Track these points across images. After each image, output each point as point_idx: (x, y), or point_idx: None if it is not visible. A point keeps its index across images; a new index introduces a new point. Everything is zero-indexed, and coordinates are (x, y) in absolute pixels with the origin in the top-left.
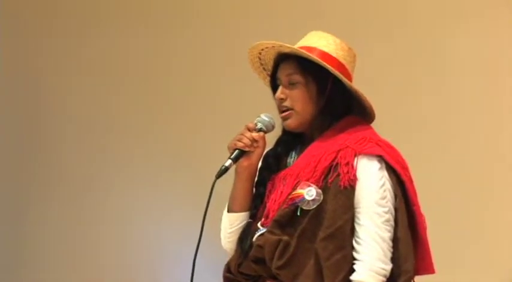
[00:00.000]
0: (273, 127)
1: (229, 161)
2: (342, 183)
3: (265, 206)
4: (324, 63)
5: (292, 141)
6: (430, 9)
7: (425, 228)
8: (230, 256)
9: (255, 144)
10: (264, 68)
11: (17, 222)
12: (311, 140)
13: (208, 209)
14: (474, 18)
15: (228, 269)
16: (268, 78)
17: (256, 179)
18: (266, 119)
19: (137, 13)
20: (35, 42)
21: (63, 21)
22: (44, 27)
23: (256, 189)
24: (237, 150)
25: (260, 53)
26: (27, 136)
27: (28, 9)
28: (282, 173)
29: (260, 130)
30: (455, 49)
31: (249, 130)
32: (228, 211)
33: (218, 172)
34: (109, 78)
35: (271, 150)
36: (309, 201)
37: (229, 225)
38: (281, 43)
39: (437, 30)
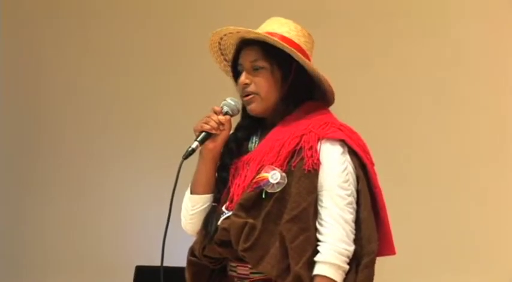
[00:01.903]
0: (239, 111)
1: (196, 143)
2: (306, 167)
3: (229, 190)
4: (291, 48)
5: (252, 125)
6: (433, 7)
7: (386, 210)
8: (191, 237)
9: (221, 127)
10: (222, 53)
11: (14, 214)
12: (272, 124)
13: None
14: (477, 16)
15: (192, 252)
16: (225, 63)
17: (218, 163)
18: (232, 102)
19: (137, 13)
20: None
21: (61, 12)
22: (42, 19)
23: (218, 174)
24: (203, 133)
25: (221, 39)
26: (26, 128)
27: None
28: (245, 158)
29: (226, 113)
30: (457, 47)
31: (216, 113)
32: (191, 193)
33: (185, 154)
34: (108, 69)
35: (231, 134)
36: (273, 184)
37: (192, 207)
38: (247, 29)
39: (440, 29)
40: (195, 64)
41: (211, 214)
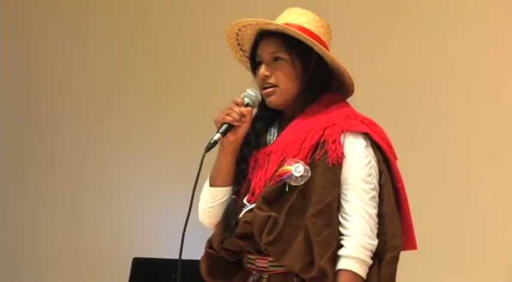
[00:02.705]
0: (259, 102)
1: (218, 135)
2: (330, 160)
3: (249, 183)
4: (312, 40)
5: (270, 117)
6: (434, 8)
7: (408, 205)
8: (209, 229)
9: (242, 119)
10: (238, 43)
11: (10, 207)
12: (292, 116)
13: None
14: (477, 17)
15: (210, 244)
16: (240, 53)
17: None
18: (253, 93)
19: (136, 12)
20: (31, 23)
21: (60, 9)
22: (41, 17)
23: (238, 166)
24: (225, 125)
25: (240, 30)
26: (24, 115)
27: None
28: (265, 150)
29: (247, 105)
30: (458, 48)
31: (237, 105)
32: (210, 185)
33: (207, 146)
34: (107, 59)
35: (250, 126)
36: (297, 177)
37: (211, 199)
38: (266, 20)
39: (440, 29)
40: (194, 62)
41: (232, 207)
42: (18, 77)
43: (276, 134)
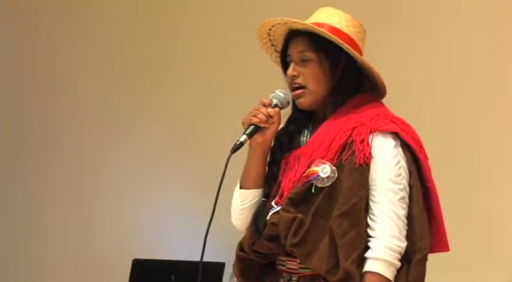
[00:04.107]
0: (288, 103)
1: (245, 137)
2: (357, 161)
3: (279, 185)
4: (338, 39)
5: (304, 119)
6: (432, 6)
7: (439, 205)
8: (240, 232)
9: (270, 121)
10: (272, 44)
11: (10, 207)
12: (323, 117)
13: (222, 185)
14: (477, 17)
15: (241, 247)
16: (276, 54)
17: (268, 158)
18: (281, 94)
19: (135, 11)
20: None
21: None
22: (40, 10)
23: (269, 169)
24: (252, 126)
25: (270, 29)
26: (23, 115)
27: None
28: (296, 152)
29: (275, 106)
30: (459, 48)
31: (265, 106)
32: (241, 187)
33: (233, 147)
34: (105, 59)
35: (282, 128)
36: (323, 178)
37: (241, 201)
38: (294, 19)
39: (440, 28)
40: (192, 62)
41: (261, 209)
42: (18, 77)
43: (309, 136)
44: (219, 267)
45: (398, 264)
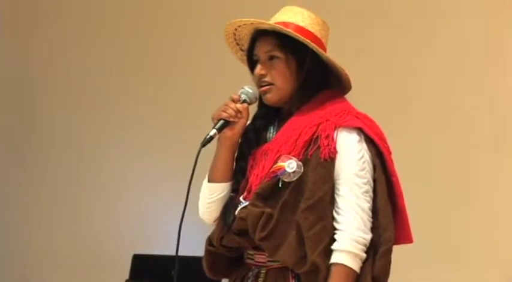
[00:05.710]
0: (256, 99)
1: (214, 131)
2: (322, 156)
3: (247, 181)
4: (306, 39)
5: (270, 115)
6: (431, 5)
7: (403, 198)
8: (208, 226)
9: (239, 115)
10: (237, 43)
11: (10, 203)
12: (289, 114)
13: (195, 177)
14: (476, 14)
15: (210, 242)
16: (241, 52)
17: (236, 153)
18: (250, 90)
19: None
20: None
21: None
22: (40, 10)
23: (237, 164)
24: (221, 121)
25: (236, 29)
26: (22, 115)
27: None
28: (263, 148)
29: (244, 101)
30: (457, 45)
31: (234, 101)
32: (209, 181)
33: (203, 141)
34: (103, 59)
35: (249, 124)
36: (290, 173)
37: (209, 195)
38: (260, 20)
39: (440, 27)
40: (185, 61)
41: (229, 204)
42: (18, 76)
43: (275, 132)
44: None
45: (364, 255)
